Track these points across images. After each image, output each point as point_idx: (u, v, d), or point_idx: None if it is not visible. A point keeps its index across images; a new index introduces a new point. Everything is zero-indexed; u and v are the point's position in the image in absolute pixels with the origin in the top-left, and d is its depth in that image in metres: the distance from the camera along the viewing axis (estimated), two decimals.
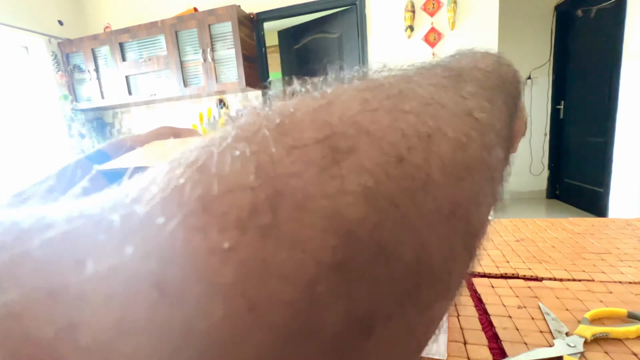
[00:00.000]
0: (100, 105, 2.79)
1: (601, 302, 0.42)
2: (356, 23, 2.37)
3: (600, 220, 0.70)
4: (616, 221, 0.69)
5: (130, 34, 2.57)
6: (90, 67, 2.72)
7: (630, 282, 0.46)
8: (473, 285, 0.48)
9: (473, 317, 0.41)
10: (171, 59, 2.51)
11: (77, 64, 2.78)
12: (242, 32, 2.39)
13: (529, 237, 0.64)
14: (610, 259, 0.52)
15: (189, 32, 2.46)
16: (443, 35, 2.19)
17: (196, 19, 2.40)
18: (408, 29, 2.21)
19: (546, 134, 3.20)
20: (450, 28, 2.15)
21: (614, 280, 0.46)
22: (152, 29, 2.51)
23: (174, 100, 2.85)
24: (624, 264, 0.50)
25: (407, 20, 2.20)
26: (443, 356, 0.33)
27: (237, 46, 2.36)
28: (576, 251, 0.56)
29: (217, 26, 2.39)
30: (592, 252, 0.56)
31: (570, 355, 0.32)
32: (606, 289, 0.44)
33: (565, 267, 0.51)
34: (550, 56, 3.06)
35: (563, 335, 0.35)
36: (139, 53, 2.62)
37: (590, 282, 0.46)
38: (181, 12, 2.53)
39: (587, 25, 2.53)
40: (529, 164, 3.29)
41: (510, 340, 0.36)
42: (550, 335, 0.36)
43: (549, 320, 0.38)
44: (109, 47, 2.64)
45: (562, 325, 0.37)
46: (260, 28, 2.60)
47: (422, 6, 2.18)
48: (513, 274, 0.50)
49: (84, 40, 2.68)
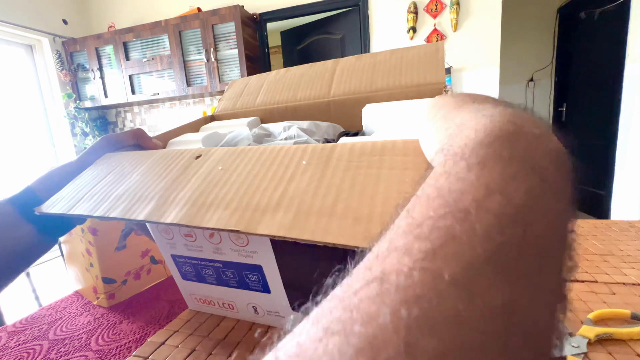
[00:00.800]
0: (104, 104, 2.80)
1: (604, 303, 0.41)
2: (359, 24, 2.37)
3: (603, 222, 0.69)
4: (619, 223, 0.68)
5: (134, 33, 2.59)
6: (94, 66, 2.73)
7: (634, 284, 0.45)
8: None
9: None
10: (174, 58, 2.52)
11: (81, 63, 2.80)
12: (245, 33, 2.40)
13: None
14: (614, 261, 0.52)
15: (192, 32, 2.47)
16: (446, 36, 2.19)
17: (200, 19, 2.41)
18: (411, 30, 2.21)
19: None
20: (453, 30, 2.16)
21: (618, 282, 0.46)
22: (156, 28, 2.52)
23: (176, 99, 2.86)
24: (627, 266, 0.50)
25: (409, 21, 2.20)
26: None
27: (240, 46, 2.36)
28: (579, 252, 0.56)
29: (221, 26, 2.40)
30: (595, 253, 0.55)
31: (574, 355, 0.32)
32: (609, 290, 0.44)
33: None
34: (552, 58, 3.06)
35: (566, 336, 0.35)
36: (142, 52, 2.63)
37: (594, 284, 0.46)
38: (185, 12, 2.54)
39: (590, 27, 2.52)
40: None
41: None
42: None
43: None
44: (112, 46, 2.65)
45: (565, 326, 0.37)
46: (263, 28, 2.61)
47: (425, 7, 2.19)
48: None
49: (88, 39, 2.69)
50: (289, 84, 0.49)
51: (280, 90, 0.49)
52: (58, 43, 2.75)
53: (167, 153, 0.30)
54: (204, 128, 0.50)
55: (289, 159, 0.23)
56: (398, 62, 0.43)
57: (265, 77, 0.54)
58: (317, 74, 0.48)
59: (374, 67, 0.44)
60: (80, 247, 0.51)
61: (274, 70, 0.53)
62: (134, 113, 3.08)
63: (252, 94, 0.52)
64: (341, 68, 0.47)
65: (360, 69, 0.45)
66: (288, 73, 0.51)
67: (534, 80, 3.13)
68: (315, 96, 0.45)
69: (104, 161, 0.33)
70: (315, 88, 0.46)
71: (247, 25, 2.44)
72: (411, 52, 0.44)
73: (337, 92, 0.44)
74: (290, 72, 0.51)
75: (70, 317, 0.48)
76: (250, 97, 0.52)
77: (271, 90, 0.50)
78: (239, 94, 0.54)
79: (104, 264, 0.49)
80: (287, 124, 0.42)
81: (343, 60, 0.49)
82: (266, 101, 0.50)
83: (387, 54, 0.47)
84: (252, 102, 0.51)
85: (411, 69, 0.42)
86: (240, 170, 0.24)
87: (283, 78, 0.51)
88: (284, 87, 0.49)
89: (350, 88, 0.44)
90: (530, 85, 3.16)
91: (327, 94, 0.45)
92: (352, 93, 0.43)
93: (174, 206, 0.22)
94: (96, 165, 0.33)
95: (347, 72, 0.46)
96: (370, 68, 0.45)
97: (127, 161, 0.31)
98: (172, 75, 2.59)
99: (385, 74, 0.43)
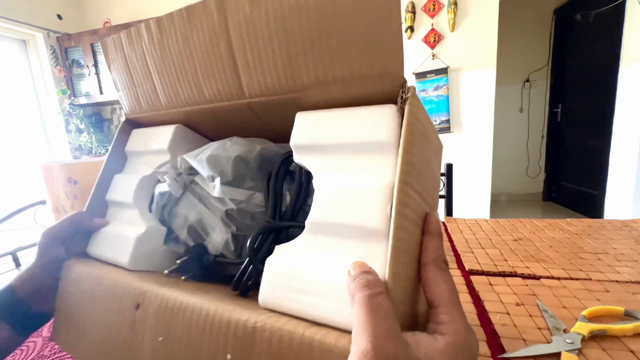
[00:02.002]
0: (99, 101, 2.77)
1: (598, 300, 0.42)
2: None
3: (597, 221, 0.70)
4: (613, 222, 0.69)
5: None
6: (89, 62, 2.70)
7: (627, 282, 0.46)
8: (471, 282, 0.49)
9: (471, 313, 0.41)
10: None
11: (76, 59, 2.76)
12: None
13: (527, 236, 0.64)
14: (607, 259, 0.53)
15: None
16: (443, 36, 2.20)
17: None
18: (408, 30, 2.22)
19: (543, 136, 3.22)
20: (451, 29, 2.16)
21: (611, 280, 0.47)
22: None
23: None
24: (621, 264, 0.51)
25: (407, 21, 2.20)
26: None
27: None
28: (573, 251, 0.57)
29: None
30: (590, 252, 0.56)
31: (568, 351, 0.32)
32: (603, 287, 0.45)
33: (562, 266, 0.51)
34: (548, 59, 3.08)
35: (561, 332, 0.36)
36: None
37: (588, 281, 0.47)
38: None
39: (586, 29, 2.55)
40: (526, 167, 3.31)
41: (509, 336, 0.36)
42: (548, 332, 0.36)
43: (547, 317, 0.39)
44: None
45: (560, 322, 0.37)
46: None
47: (423, 7, 2.19)
48: (511, 272, 0.51)
49: (83, 35, 2.66)
50: (183, 68, 0.33)
51: (179, 81, 0.34)
52: (52, 38, 2.72)
53: (110, 296, 0.30)
54: (129, 152, 0.42)
55: (214, 350, 0.23)
56: (323, 26, 0.24)
57: (141, 47, 0.36)
58: (209, 52, 0.31)
59: (285, 36, 0.26)
60: None
61: (143, 29, 0.35)
62: None
63: (147, 82, 0.37)
64: (238, 36, 0.28)
65: (267, 38, 0.27)
66: (168, 44, 0.33)
67: (530, 81, 3.16)
68: (227, 95, 0.32)
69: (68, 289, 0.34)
70: (220, 80, 0.31)
71: None
72: (343, 9, 0.24)
73: (252, 90, 0.30)
74: (170, 42, 0.33)
75: None
76: (148, 89, 0.37)
77: (166, 79, 0.35)
78: (130, 80, 0.39)
79: None
80: (206, 154, 0.34)
81: (231, 11, 0.28)
82: (171, 100, 0.36)
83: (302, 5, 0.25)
84: (156, 100, 0.38)
85: (346, 45, 0.24)
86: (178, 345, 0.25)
87: (168, 55, 0.34)
88: (179, 75, 0.34)
89: (266, 84, 0.29)
90: (526, 86, 3.18)
91: (240, 93, 0.31)
92: (273, 93, 0.29)
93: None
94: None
95: (252, 50, 0.28)
96: (281, 36, 0.26)
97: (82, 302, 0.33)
98: None
99: (306, 52, 0.26)
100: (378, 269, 0.19)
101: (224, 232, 0.32)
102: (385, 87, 0.24)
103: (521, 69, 3.16)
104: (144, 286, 0.28)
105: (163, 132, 0.39)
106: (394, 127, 0.23)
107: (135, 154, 0.41)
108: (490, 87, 2.19)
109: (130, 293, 0.29)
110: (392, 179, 0.22)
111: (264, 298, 0.23)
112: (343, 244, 0.22)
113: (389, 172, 0.22)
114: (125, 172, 0.40)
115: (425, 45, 2.23)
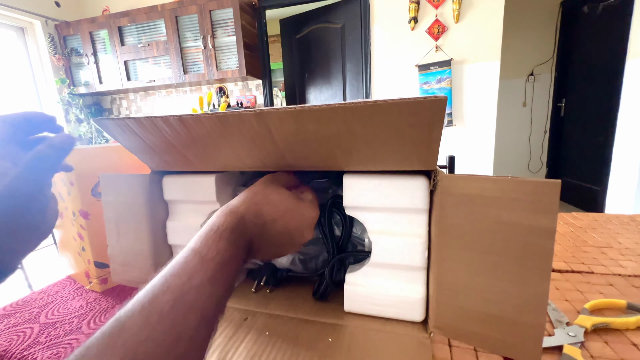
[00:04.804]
0: (99, 91, 2.75)
1: (601, 293, 0.41)
2: (360, 13, 2.33)
3: (604, 215, 0.69)
4: (620, 217, 0.68)
5: (129, 17, 2.52)
6: (88, 51, 2.67)
7: (630, 275, 0.45)
8: None
9: None
10: (171, 44, 2.47)
11: (75, 48, 2.73)
12: (243, 19, 2.35)
13: None
14: (611, 253, 0.52)
15: (189, 18, 2.42)
16: (447, 27, 2.16)
17: (197, 4, 2.35)
18: (412, 21, 2.18)
19: (546, 131, 3.19)
20: (455, 21, 2.13)
21: (614, 273, 0.46)
22: (152, 13, 2.46)
23: (173, 87, 2.82)
24: (625, 258, 0.50)
25: (411, 11, 2.16)
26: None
27: (238, 33, 2.32)
28: (577, 244, 0.56)
29: (218, 12, 2.35)
30: (593, 245, 0.55)
31: (571, 344, 0.32)
32: (606, 281, 0.44)
33: (565, 259, 0.51)
34: (554, 53, 3.03)
35: (563, 325, 0.35)
36: (138, 38, 2.57)
37: (590, 275, 0.46)
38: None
39: (593, 22, 2.50)
40: (528, 161, 3.29)
41: None
42: (550, 325, 0.36)
43: (550, 310, 0.38)
44: (107, 30, 2.59)
45: (562, 315, 0.37)
46: (262, 15, 2.56)
47: None
48: None
49: (81, 23, 2.63)
50: (216, 147, 0.33)
51: (214, 156, 0.35)
52: (51, 26, 2.68)
53: None
54: (170, 201, 0.41)
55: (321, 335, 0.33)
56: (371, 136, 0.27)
57: (161, 134, 0.32)
58: (251, 140, 0.31)
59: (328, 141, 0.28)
60: (72, 232, 0.50)
61: (162, 123, 0.31)
62: (129, 100, 3.03)
63: (174, 153, 0.35)
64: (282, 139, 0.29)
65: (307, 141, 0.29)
66: (197, 132, 0.31)
67: (534, 74, 3.12)
68: (271, 164, 0.34)
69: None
70: (260, 153, 0.32)
71: (245, 12, 2.39)
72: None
73: (295, 162, 0.33)
74: (199, 132, 0.31)
75: (62, 301, 0.47)
76: (178, 160, 0.37)
77: (200, 154, 0.35)
78: (153, 151, 0.37)
79: (96, 249, 0.48)
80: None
81: (275, 125, 0.28)
82: (206, 167, 0.37)
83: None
84: (188, 164, 0.37)
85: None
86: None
87: (198, 139, 0.32)
88: (214, 150, 0.34)
89: (309, 162, 0.32)
90: (530, 80, 3.14)
91: (282, 162, 0.33)
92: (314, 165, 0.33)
93: None
94: None
95: (296, 146, 0.30)
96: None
97: None
98: (168, 62, 2.54)
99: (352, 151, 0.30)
100: (419, 287, 0.33)
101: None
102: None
103: (526, 62, 3.12)
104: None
105: (205, 183, 0.38)
106: (425, 197, 0.31)
107: (178, 202, 0.41)
108: (493, 81, 2.16)
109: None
110: (426, 233, 0.32)
111: (349, 306, 0.36)
112: (395, 274, 0.34)
113: (424, 227, 0.32)
114: (173, 220, 0.41)
115: (429, 36, 2.20)
